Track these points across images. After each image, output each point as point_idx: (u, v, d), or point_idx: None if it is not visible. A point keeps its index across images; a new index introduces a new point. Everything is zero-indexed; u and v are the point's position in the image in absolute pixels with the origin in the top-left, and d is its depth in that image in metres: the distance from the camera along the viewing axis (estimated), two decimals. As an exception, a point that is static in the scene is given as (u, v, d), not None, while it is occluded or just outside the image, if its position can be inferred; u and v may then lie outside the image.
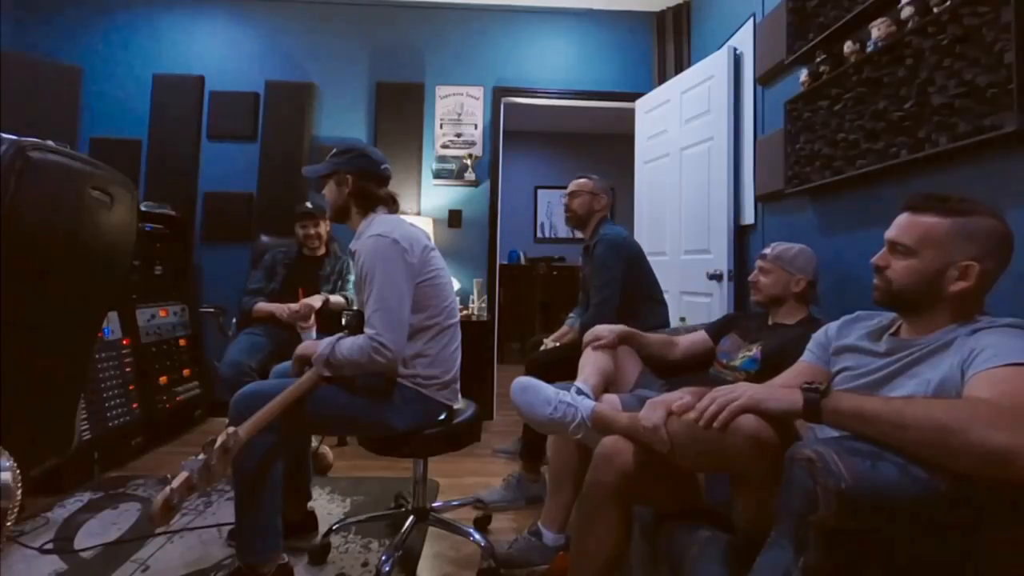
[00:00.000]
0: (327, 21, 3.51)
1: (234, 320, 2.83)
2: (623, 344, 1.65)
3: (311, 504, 1.84)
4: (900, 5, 1.50)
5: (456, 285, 3.22)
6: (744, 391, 0.91)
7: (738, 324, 1.73)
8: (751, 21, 2.54)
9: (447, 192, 3.54)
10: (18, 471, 1.19)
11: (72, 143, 3.07)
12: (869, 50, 1.62)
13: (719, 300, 2.59)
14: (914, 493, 0.71)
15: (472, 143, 3.55)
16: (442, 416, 1.62)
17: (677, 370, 1.75)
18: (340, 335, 1.50)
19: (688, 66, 3.17)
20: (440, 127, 3.54)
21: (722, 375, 1.60)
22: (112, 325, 2.46)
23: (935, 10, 1.38)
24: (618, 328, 1.65)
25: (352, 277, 2.57)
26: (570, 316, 2.48)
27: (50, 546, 1.68)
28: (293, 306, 2.39)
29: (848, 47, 1.73)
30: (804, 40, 1.99)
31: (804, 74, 1.97)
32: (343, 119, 3.50)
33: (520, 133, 5.91)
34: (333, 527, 1.72)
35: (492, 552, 1.58)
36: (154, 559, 1.64)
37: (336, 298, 2.54)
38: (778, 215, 2.34)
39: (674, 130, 3.04)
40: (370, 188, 1.62)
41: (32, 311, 1.45)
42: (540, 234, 6.28)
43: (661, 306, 2.27)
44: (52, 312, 1.52)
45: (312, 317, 2.36)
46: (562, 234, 6.23)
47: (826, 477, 0.70)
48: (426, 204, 3.51)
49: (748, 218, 2.56)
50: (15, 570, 1.57)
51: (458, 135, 3.55)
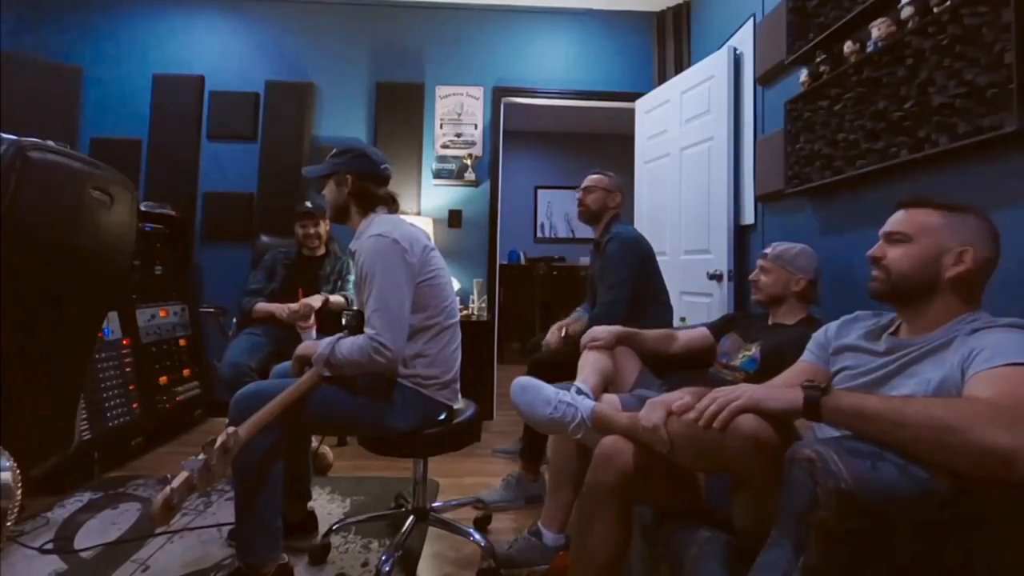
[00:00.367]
0: (327, 21, 3.51)
1: (234, 320, 2.83)
2: (621, 345, 1.66)
3: (311, 504, 1.84)
4: (900, 5, 1.50)
5: (456, 285, 3.22)
6: (744, 391, 0.91)
7: (738, 324, 1.73)
8: (751, 21, 2.54)
9: (447, 192, 3.54)
10: (18, 471, 1.19)
11: (72, 143, 3.07)
12: (869, 50, 1.62)
13: (719, 300, 2.59)
14: (914, 493, 0.71)
15: (472, 143, 3.55)
16: (442, 416, 1.62)
17: (676, 365, 1.75)
18: (340, 335, 1.50)
19: (688, 66, 3.16)
20: (440, 127, 3.54)
21: (722, 375, 1.60)
22: (112, 325, 2.46)
23: (935, 10, 1.38)
24: (615, 329, 1.65)
25: (352, 277, 2.57)
26: (577, 310, 2.41)
27: (50, 546, 1.68)
28: (292, 306, 2.39)
29: (848, 47, 1.73)
30: (804, 40, 1.99)
31: (804, 74, 1.97)
32: (343, 119, 3.50)
33: (520, 133, 5.90)
34: (333, 527, 1.72)
35: (492, 552, 1.58)
36: (154, 559, 1.64)
37: (336, 298, 2.54)
38: (778, 215, 2.34)
39: (674, 130, 3.04)
40: (369, 188, 1.63)
41: (32, 311, 1.45)
42: (540, 234, 6.27)
43: (666, 308, 2.23)
44: (52, 312, 1.52)
45: (312, 317, 2.36)
46: (562, 234, 6.23)
47: (826, 477, 0.70)
48: (426, 204, 3.51)
49: (748, 218, 2.56)
50: (15, 570, 1.57)
51: (458, 135, 3.55)
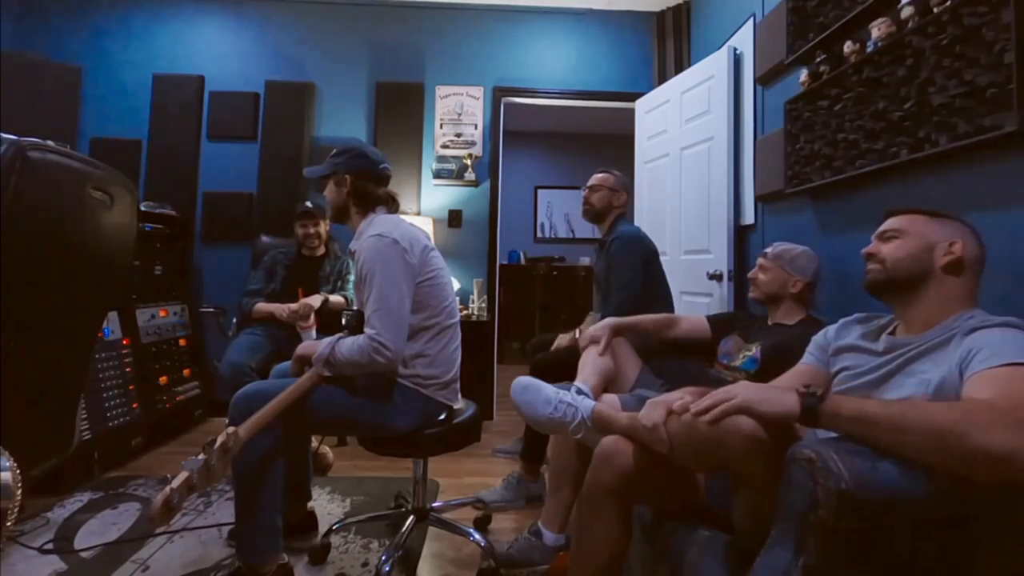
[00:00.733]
0: (327, 21, 3.51)
1: (234, 320, 2.84)
2: (618, 336, 1.64)
3: (311, 504, 1.84)
4: (900, 5, 1.50)
5: (456, 285, 3.22)
6: (739, 391, 0.90)
7: (739, 324, 1.73)
8: (751, 21, 2.54)
9: (447, 192, 3.54)
10: (18, 471, 1.19)
11: (72, 143, 3.08)
12: (869, 50, 1.62)
13: (719, 300, 2.59)
14: (914, 493, 0.71)
15: (472, 143, 3.55)
16: (442, 416, 1.62)
17: (673, 351, 1.74)
18: (340, 335, 1.50)
19: (688, 66, 3.17)
20: (440, 127, 3.54)
21: (723, 376, 1.60)
22: (112, 325, 2.46)
23: (935, 10, 1.38)
24: (609, 321, 1.64)
25: (352, 277, 2.57)
26: (591, 314, 2.42)
27: (50, 546, 1.68)
28: (292, 306, 2.39)
29: (848, 47, 1.73)
30: (804, 40, 1.99)
31: (804, 74, 1.97)
32: (343, 119, 3.50)
33: (520, 133, 5.90)
34: (333, 527, 1.72)
35: (492, 552, 1.58)
36: (154, 559, 1.64)
37: (336, 298, 2.54)
38: (778, 215, 2.34)
39: (674, 130, 3.04)
40: (369, 188, 1.62)
41: (32, 311, 1.45)
42: (540, 234, 6.27)
43: (668, 309, 2.22)
44: (52, 312, 1.52)
45: (312, 317, 2.36)
46: (562, 234, 6.23)
47: (826, 477, 0.70)
48: (426, 204, 3.51)
49: (748, 218, 2.56)
50: (15, 570, 1.57)
51: (458, 135, 3.55)
